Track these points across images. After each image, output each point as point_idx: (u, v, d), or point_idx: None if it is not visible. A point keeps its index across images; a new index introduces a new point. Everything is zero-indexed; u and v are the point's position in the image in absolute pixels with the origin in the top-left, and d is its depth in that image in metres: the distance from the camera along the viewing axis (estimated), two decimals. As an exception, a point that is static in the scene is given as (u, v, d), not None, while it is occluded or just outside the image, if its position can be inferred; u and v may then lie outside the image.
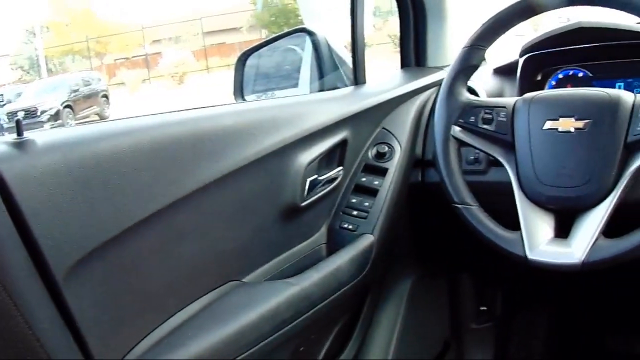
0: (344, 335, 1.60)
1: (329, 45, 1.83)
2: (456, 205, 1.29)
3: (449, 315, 2.07)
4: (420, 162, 1.62)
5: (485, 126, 1.29)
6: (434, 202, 1.38)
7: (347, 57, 1.75)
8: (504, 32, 1.34)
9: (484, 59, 1.83)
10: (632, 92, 1.28)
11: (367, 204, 1.51)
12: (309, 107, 1.48)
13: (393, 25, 1.98)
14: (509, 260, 1.23)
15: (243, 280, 1.29)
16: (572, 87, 1.60)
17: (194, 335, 1.10)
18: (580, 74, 1.63)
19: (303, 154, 1.37)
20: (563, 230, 1.22)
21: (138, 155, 1.03)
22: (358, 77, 1.69)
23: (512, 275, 2.01)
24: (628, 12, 1.21)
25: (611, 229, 1.17)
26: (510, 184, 1.28)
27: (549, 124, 1.24)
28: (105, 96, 13.83)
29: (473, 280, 2.07)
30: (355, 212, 1.50)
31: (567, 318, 2.35)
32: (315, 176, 1.41)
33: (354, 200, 1.52)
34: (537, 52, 1.64)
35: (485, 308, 2.14)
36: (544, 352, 2.25)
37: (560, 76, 1.65)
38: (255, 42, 1.97)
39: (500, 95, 1.68)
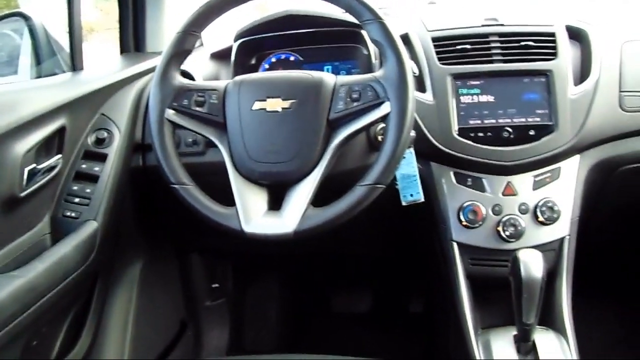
0: (77, 325, 1.59)
1: (45, 31, 1.80)
2: (173, 185, 1.33)
3: (183, 295, 2.13)
4: (140, 147, 1.65)
5: (198, 109, 1.34)
6: (156, 185, 1.42)
7: (66, 43, 1.73)
8: (216, 18, 1.39)
9: (202, 44, 1.91)
10: (338, 74, 1.41)
11: (88, 190, 1.51)
12: (24, 94, 1.45)
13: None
14: (231, 235, 1.29)
15: None
16: (284, 70, 1.71)
17: None
18: (292, 58, 1.76)
19: (19, 142, 1.34)
20: (276, 203, 1.31)
21: None
22: (76, 63, 1.68)
23: (239, 250, 2.11)
24: (334, 4, 1.33)
25: (320, 199, 1.28)
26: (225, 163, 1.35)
27: (257, 105, 1.31)
28: None
29: (202, 258, 2.14)
30: (77, 200, 1.50)
31: (295, 286, 2.51)
32: (34, 165, 1.38)
33: (75, 188, 1.52)
34: (250, 37, 1.73)
35: (217, 285, 2.22)
36: (277, 320, 2.40)
37: (273, 60, 1.76)
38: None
39: (217, 79, 1.75)
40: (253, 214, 1.29)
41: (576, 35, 1.67)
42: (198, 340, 2.21)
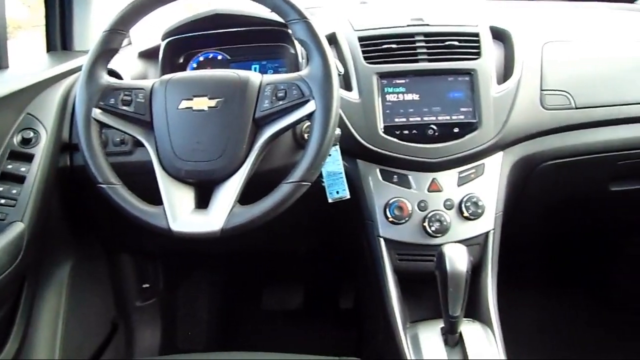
0: (5, 328, 1.57)
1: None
2: (100, 185, 1.33)
3: (114, 295, 2.12)
4: (68, 146, 1.63)
5: (124, 108, 1.35)
6: (84, 185, 1.42)
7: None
8: (143, 17, 1.40)
9: (130, 43, 1.91)
10: (266, 73, 1.43)
11: (14, 191, 1.49)
12: None
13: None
14: (159, 234, 1.31)
15: None
16: (211, 69, 1.74)
17: None
18: (220, 57, 1.77)
19: None
20: (203, 201, 1.33)
21: None
22: (0, 61, 1.66)
23: (170, 250, 2.12)
24: (261, 3, 1.36)
25: (247, 197, 1.30)
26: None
27: (184, 104, 1.33)
28: None
29: (133, 258, 2.14)
30: (3, 201, 1.48)
31: (226, 283, 2.53)
32: (-42, 166, 1.37)
33: (1, 189, 1.49)
34: (178, 36, 1.74)
35: (148, 285, 2.23)
36: (209, 318, 2.41)
37: (201, 59, 1.78)
38: None
39: (145, 78, 1.76)
40: (180, 212, 1.31)
41: (500, 35, 1.73)
42: (129, 341, 2.21)
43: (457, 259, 1.34)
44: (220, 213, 1.28)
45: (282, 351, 1.46)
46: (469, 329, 1.47)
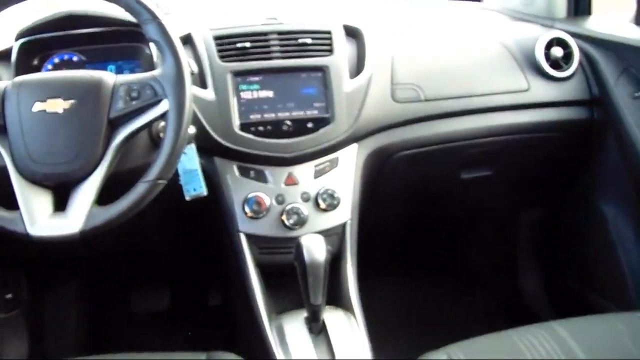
0: None
1: None
2: None
3: None
4: None
5: None
6: None
7: None
8: None
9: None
10: (122, 73, 1.45)
11: None
12: None
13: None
14: (17, 240, 1.31)
15: None
16: (67, 70, 1.74)
17: None
18: (75, 58, 1.78)
19: None
20: (62, 204, 1.35)
21: None
22: None
23: (31, 257, 2.10)
24: (115, 4, 1.39)
25: (107, 198, 1.33)
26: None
27: (38, 106, 1.34)
28: None
29: None
30: None
31: (93, 289, 2.52)
32: None
33: None
34: (32, 37, 1.74)
35: (10, 296, 2.20)
36: (77, 325, 2.40)
37: (56, 60, 1.78)
38: None
39: None
40: (38, 216, 1.32)
41: (352, 33, 1.83)
42: None
43: (315, 250, 1.42)
44: (78, 215, 1.31)
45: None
46: (332, 316, 1.56)
